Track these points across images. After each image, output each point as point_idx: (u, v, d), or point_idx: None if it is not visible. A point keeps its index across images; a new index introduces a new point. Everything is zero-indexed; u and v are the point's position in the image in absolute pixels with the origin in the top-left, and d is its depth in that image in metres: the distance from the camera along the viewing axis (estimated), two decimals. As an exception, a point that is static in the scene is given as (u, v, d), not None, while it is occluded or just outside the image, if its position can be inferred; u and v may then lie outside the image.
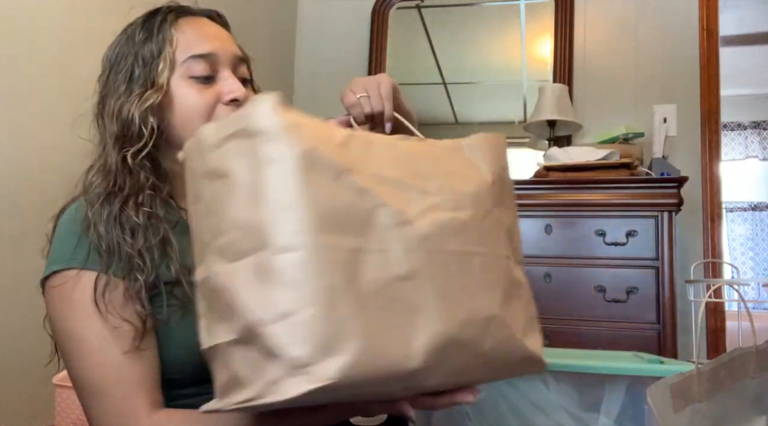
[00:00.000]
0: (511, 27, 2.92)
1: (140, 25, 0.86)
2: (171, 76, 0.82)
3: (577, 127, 2.60)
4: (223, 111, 0.83)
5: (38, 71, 1.66)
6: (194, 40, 0.84)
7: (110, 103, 0.83)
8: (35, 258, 1.62)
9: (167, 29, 0.84)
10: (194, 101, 0.82)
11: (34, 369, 1.57)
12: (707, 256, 2.44)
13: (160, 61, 0.81)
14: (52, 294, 0.76)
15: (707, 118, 2.53)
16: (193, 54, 0.82)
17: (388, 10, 2.99)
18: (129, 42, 0.85)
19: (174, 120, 0.82)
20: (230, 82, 0.83)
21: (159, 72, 0.80)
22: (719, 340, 2.40)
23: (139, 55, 0.82)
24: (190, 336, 0.76)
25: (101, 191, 0.79)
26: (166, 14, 0.86)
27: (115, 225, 0.76)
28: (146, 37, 0.83)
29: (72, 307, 0.74)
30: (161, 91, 0.80)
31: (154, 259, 0.76)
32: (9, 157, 1.57)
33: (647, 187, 2.13)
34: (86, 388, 0.73)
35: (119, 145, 0.80)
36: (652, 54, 2.65)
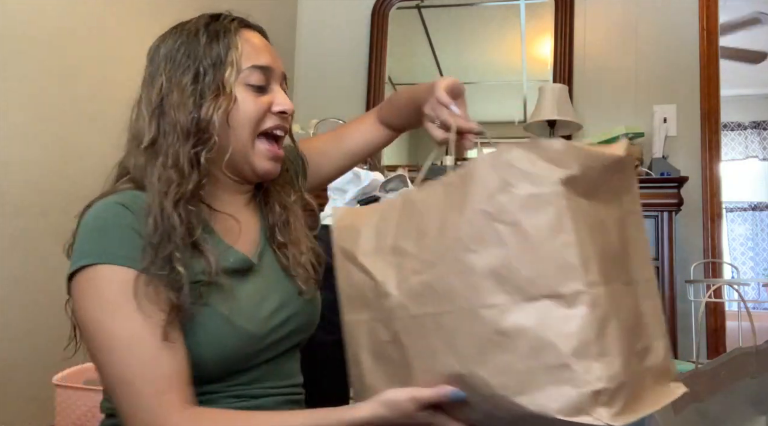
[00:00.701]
0: (511, 27, 2.92)
1: (204, 26, 0.89)
2: (234, 82, 0.86)
3: (577, 127, 2.60)
4: (271, 120, 0.88)
5: (38, 71, 1.66)
6: (255, 50, 0.89)
7: (176, 98, 0.84)
8: (35, 258, 1.63)
9: (232, 35, 0.88)
10: (250, 108, 0.86)
11: (34, 369, 1.57)
12: (707, 256, 2.44)
13: (227, 66, 0.85)
14: (82, 287, 0.77)
15: (707, 118, 2.53)
16: (255, 64, 0.87)
17: (388, 10, 2.99)
18: (192, 41, 0.87)
19: (236, 127, 0.86)
20: (281, 95, 0.90)
21: (227, 78, 0.84)
22: (719, 340, 2.40)
23: (206, 56, 0.85)
24: (213, 334, 0.78)
25: (164, 183, 0.80)
26: (231, 21, 0.90)
27: (173, 218, 0.78)
28: (211, 39, 0.86)
29: (103, 301, 0.75)
30: (231, 98, 0.84)
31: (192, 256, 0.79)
32: (9, 157, 1.57)
33: (647, 187, 2.13)
34: (117, 383, 0.74)
35: (191, 143, 0.82)
36: (652, 54, 2.65)
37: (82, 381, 1.42)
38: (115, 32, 1.92)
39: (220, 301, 0.80)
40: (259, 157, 0.88)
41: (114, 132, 0.88)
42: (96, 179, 1.92)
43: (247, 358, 0.82)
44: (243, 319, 0.82)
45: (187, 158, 0.81)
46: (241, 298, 0.83)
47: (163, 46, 0.89)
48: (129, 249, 0.76)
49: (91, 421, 1.32)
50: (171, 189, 0.79)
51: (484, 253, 0.63)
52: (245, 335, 0.82)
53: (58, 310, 1.68)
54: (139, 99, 0.90)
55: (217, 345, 0.79)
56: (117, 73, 1.93)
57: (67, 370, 1.41)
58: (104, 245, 0.76)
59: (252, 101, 0.86)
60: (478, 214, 0.64)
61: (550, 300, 0.60)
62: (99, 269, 0.75)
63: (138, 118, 0.87)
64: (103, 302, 0.75)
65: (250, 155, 0.87)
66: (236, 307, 0.82)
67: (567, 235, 0.60)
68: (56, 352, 1.68)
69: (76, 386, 1.34)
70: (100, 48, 1.86)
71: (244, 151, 0.86)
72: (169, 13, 2.34)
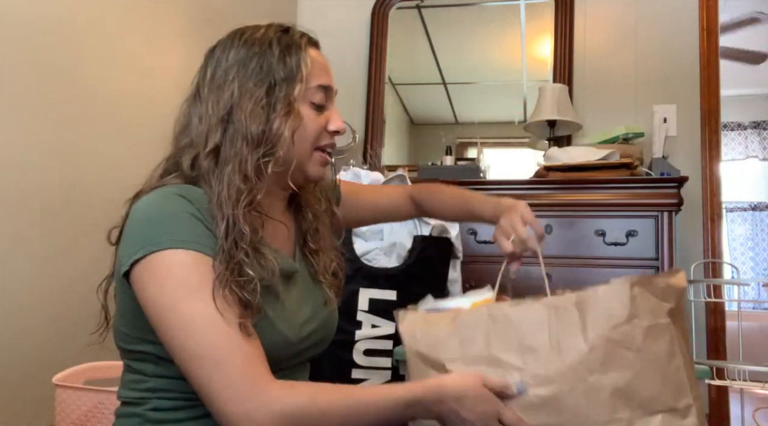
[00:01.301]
0: (511, 27, 2.92)
1: (275, 39, 0.90)
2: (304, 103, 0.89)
3: (577, 127, 2.60)
4: (326, 138, 0.92)
5: (38, 71, 1.66)
6: (322, 69, 0.92)
7: (248, 107, 0.85)
8: (35, 258, 1.63)
9: (302, 52, 0.90)
10: (310, 125, 0.89)
11: (34, 369, 1.57)
12: (707, 256, 2.44)
13: (296, 83, 0.87)
14: (152, 272, 0.77)
15: (707, 118, 2.53)
16: (321, 83, 0.91)
17: (388, 10, 2.99)
18: (266, 53, 0.89)
19: (296, 141, 0.88)
20: (337, 116, 0.94)
21: (296, 94, 0.87)
22: (719, 340, 2.40)
23: (278, 69, 0.87)
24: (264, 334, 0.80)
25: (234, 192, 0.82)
26: (300, 37, 0.93)
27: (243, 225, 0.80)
28: (284, 53, 0.89)
29: (177, 283, 0.75)
30: (299, 115, 0.87)
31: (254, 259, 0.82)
32: (9, 157, 1.57)
33: (647, 187, 2.13)
34: (202, 362, 0.74)
35: (260, 153, 0.85)
36: (652, 54, 2.65)
37: (82, 381, 1.42)
38: (114, 32, 1.92)
39: (268, 304, 0.82)
40: (313, 164, 0.92)
41: (114, 132, 0.88)
42: (96, 179, 1.93)
43: (275, 362, 0.83)
44: (284, 323, 0.85)
45: (254, 168, 0.84)
46: (285, 302, 0.86)
47: (233, 52, 0.90)
48: (196, 235, 0.78)
49: (91, 421, 1.32)
50: (242, 198, 0.82)
51: (611, 374, 0.73)
52: (283, 339, 0.84)
53: (58, 310, 1.68)
54: (194, 97, 0.91)
55: (266, 345, 0.80)
56: (117, 73, 1.93)
57: (67, 370, 1.41)
58: (172, 231, 0.78)
59: (313, 119, 0.90)
60: (603, 340, 0.74)
61: (668, 413, 0.73)
62: (171, 254, 0.77)
63: (199, 120, 0.88)
64: (180, 285, 0.76)
65: (305, 164, 0.90)
66: (280, 310, 0.84)
67: (678, 359, 0.74)
68: (56, 352, 1.69)
69: (76, 386, 1.34)
70: (99, 48, 1.86)
71: (300, 162, 0.90)
72: (168, 13, 2.35)
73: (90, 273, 1.78)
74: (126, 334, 0.85)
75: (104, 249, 0.92)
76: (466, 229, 2.22)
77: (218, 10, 2.45)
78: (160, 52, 2.14)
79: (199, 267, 0.77)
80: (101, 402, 1.32)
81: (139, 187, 0.89)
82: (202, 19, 2.35)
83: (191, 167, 0.86)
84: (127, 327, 0.84)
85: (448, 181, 2.32)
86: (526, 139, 2.80)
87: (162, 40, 2.15)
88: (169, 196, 0.81)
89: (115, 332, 0.87)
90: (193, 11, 2.29)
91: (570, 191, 2.20)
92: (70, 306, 1.69)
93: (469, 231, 2.23)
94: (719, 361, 2.27)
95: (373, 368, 1.67)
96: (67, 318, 1.69)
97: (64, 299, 1.69)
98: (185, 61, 2.28)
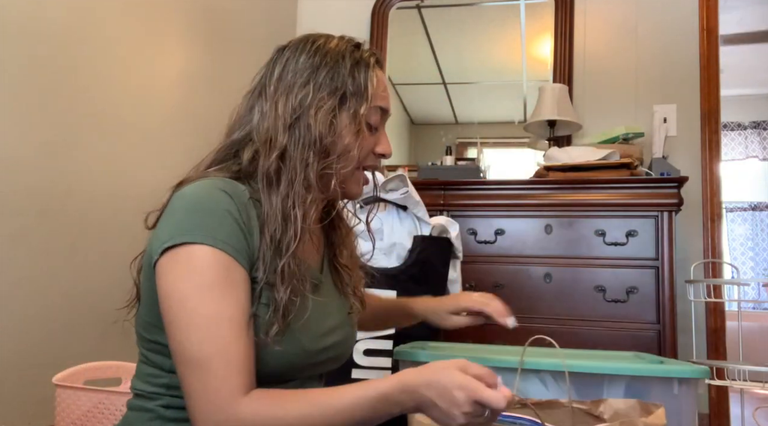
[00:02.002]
0: (511, 27, 2.92)
1: (348, 53, 0.90)
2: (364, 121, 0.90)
3: (577, 127, 2.60)
4: (372, 159, 0.94)
5: (37, 71, 1.66)
6: (383, 92, 0.93)
7: (320, 115, 0.86)
8: (35, 258, 1.63)
9: (371, 70, 0.91)
10: (364, 144, 0.91)
11: (34, 369, 1.57)
12: (707, 256, 2.44)
13: (364, 100, 0.88)
14: (177, 262, 0.77)
15: (707, 118, 2.53)
16: (381, 105, 0.92)
17: (388, 10, 2.99)
18: (338, 64, 0.89)
19: (345, 157, 0.90)
20: (386, 139, 0.95)
21: (363, 113, 0.88)
22: (719, 340, 2.40)
23: (349, 83, 0.88)
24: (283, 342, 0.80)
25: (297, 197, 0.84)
26: (371, 55, 0.93)
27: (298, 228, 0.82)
28: (354, 68, 0.89)
29: (196, 279, 0.76)
30: (361, 135, 0.89)
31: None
32: (9, 157, 1.57)
33: (647, 187, 2.13)
34: (191, 361, 0.75)
35: (325, 162, 0.86)
36: (652, 54, 2.65)
37: (82, 381, 1.42)
38: (114, 32, 1.92)
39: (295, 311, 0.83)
40: (354, 182, 0.93)
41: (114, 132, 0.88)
42: (95, 179, 1.93)
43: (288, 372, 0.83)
44: (304, 332, 0.85)
45: (317, 175, 0.85)
46: (309, 311, 0.85)
47: (303, 57, 0.90)
48: (229, 235, 0.78)
49: (91, 421, 1.32)
50: (306, 205, 0.84)
51: None
52: (301, 349, 0.84)
53: (58, 310, 1.69)
54: (258, 93, 0.91)
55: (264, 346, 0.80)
56: (116, 73, 1.93)
57: (67, 370, 1.41)
58: (207, 226, 0.78)
59: (366, 138, 0.91)
60: None
61: None
62: (198, 249, 0.77)
63: (262, 117, 0.88)
64: (196, 280, 0.76)
65: (347, 180, 0.91)
66: (303, 319, 0.84)
67: None
68: (56, 352, 1.69)
69: (76, 386, 1.34)
70: (99, 48, 1.86)
71: (344, 177, 0.90)
72: (168, 13, 2.35)
73: (90, 273, 1.78)
74: (147, 322, 0.85)
75: (104, 248, 0.92)
76: (466, 229, 2.22)
77: (218, 10, 2.45)
78: (160, 52, 2.14)
79: (222, 268, 0.77)
80: (101, 402, 1.32)
81: (139, 187, 0.89)
82: (202, 19, 2.35)
83: (250, 162, 0.87)
84: (149, 314, 0.84)
85: (449, 181, 2.34)
86: (526, 139, 2.80)
87: (162, 40, 2.15)
88: (213, 190, 0.81)
89: (138, 318, 0.88)
90: (193, 11, 2.29)
91: (570, 191, 2.20)
92: (70, 306, 1.69)
93: (470, 231, 2.23)
94: (719, 361, 2.27)
95: (373, 368, 1.67)
96: (67, 318, 1.69)
97: (64, 299, 1.69)
98: (185, 61, 2.28)
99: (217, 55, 2.40)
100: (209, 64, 2.37)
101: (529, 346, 1.00)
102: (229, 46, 2.46)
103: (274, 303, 0.80)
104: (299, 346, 0.84)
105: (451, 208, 2.28)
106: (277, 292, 0.80)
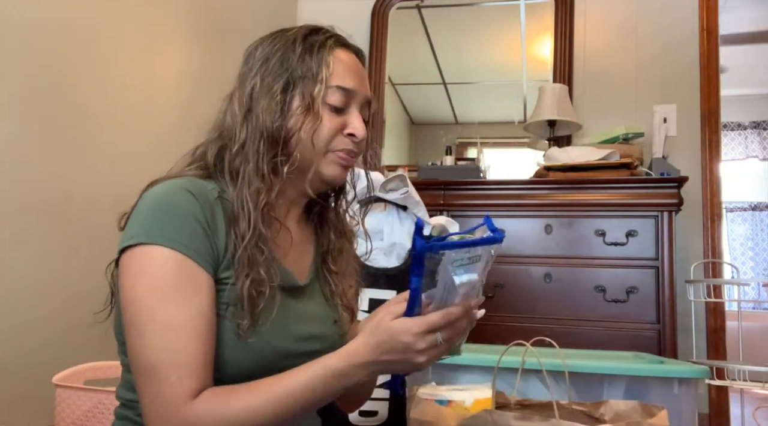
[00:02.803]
0: (511, 27, 2.92)
1: (302, 38, 0.89)
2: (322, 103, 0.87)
3: (577, 127, 2.60)
4: (341, 142, 0.88)
5: (37, 71, 1.66)
6: (344, 71, 0.89)
7: (265, 103, 0.85)
8: (35, 258, 1.63)
9: (327, 52, 0.88)
10: (325, 127, 0.86)
11: (34, 369, 1.57)
12: (707, 256, 2.44)
13: (317, 83, 0.86)
14: (134, 263, 0.77)
15: (707, 118, 2.53)
16: (340, 85, 0.87)
17: (388, 10, 2.99)
18: (288, 50, 0.88)
19: (309, 140, 0.87)
20: (357, 120, 0.89)
21: (316, 95, 0.85)
22: (719, 340, 2.40)
23: (298, 68, 0.86)
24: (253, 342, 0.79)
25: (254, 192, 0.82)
26: (328, 38, 0.91)
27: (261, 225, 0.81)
28: (306, 52, 0.88)
29: (152, 282, 0.75)
30: (318, 116, 0.85)
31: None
32: (9, 157, 1.57)
33: (647, 187, 2.13)
34: (144, 366, 0.74)
35: (274, 152, 0.85)
36: (652, 54, 2.65)
37: (82, 381, 1.42)
38: (114, 32, 1.92)
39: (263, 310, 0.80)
40: (327, 164, 0.88)
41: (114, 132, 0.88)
42: (95, 179, 1.93)
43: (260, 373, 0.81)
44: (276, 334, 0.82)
45: (270, 166, 0.84)
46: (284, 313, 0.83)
47: (260, 48, 0.90)
48: (189, 237, 0.77)
49: (91, 421, 1.32)
50: (260, 198, 0.82)
51: None
52: (267, 345, 0.81)
53: (58, 310, 1.68)
54: (232, 94, 0.91)
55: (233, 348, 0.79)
56: (116, 73, 1.93)
57: (67, 370, 1.41)
58: (166, 228, 0.77)
59: (327, 121, 0.87)
60: None
61: None
62: (156, 250, 0.76)
63: (229, 115, 0.89)
64: (152, 283, 0.75)
65: (319, 165, 0.87)
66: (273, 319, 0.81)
67: None
68: (56, 352, 1.69)
69: (76, 386, 1.34)
70: (99, 48, 1.86)
71: (316, 164, 0.87)
72: (167, 14, 2.35)
73: (90, 272, 1.78)
74: (121, 325, 0.84)
75: (104, 248, 0.92)
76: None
77: (218, 11, 2.45)
78: (160, 52, 2.14)
79: (180, 271, 0.75)
80: (101, 402, 1.32)
81: (139, 187, 0.89)
82: (202, 19, 2.35)
83: (216, 159, 0.87)
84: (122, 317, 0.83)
85: (449, 181, 2.34)
86: (526, 139, 2.80)
87: (162, 40, 2.15)
88: (177, 191, 0.80)
89: (115, 324, 0.86)
90: (192, 11, 2.29)
91: (570, 191, 2.20)
92: (69, 306, 1.69)
93: (469, 231, 2.23)
94: (719, 361, 2.27)
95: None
96: (67, 318, 1.68)
97: (64, 299, 1.69)
98: (185, 61, 2.28)
99: (217, 55, 2.40)
100: (209, 64, 2.37)
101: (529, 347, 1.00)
102: (229, 46, 2.46)
103: (239, 293, 0.78)
104: (268, 345, 0.81)
105: (451, 208, 2.28)
106: (237, 279, 0.78)
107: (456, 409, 0.90)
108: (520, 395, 0.96)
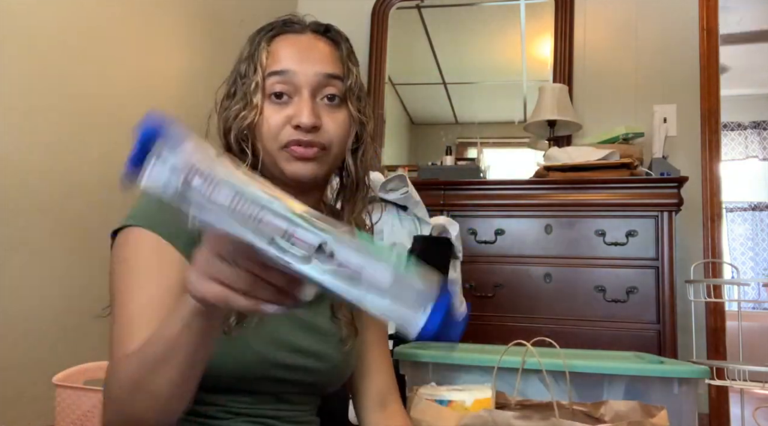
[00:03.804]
0: (511, 27, 2.92)
1: (256, 33, 0.87)
2: (263, 96, 0.83)
3: (577, 127, 2.60)
4: (288, 133, 0.81)
5: (37, 71, 1.66)
6: (277, 57, 0.83)
7: (224, 106, 0.86)
8: (35, 258, 1.63)
9: (262, 47, 0.84)
10: (270, 121, 0.81)
11: (34, 369, 1.57)
12: (707, 256, 2.44)
13: (253, 80, 0.82)
14: (119, 245, 0.79)
15: (707, 118, 2.53)
16: (270, 70, 0.82)
17: (388, 10, 2.99)
18: (242, 49, 0.87)
19: (261, 138, 0.83)
20: (299, 106, 0.81)
21: (252, 91, 0.81)
22: (719, 340, 2.40)
23: (241, 65, 0.85)
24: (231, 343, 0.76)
25: None
26: (267, 32, 0.87)
27: None
28: (247, 53, 0.85)
29: (133, 262, 0.76)
30: (256, 110, 0.81)
31: None
32: (9, 157, 1.57)
33: (647, 187, 2.13)
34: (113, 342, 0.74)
35: (243, 155, 0.84)
36: (652, 54, 2.65)
37: (82, 381, 1.42)
38: (114, 32, 1.92)
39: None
40: (284, 162, 0.81)
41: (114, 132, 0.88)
42: (96, 179, 1.92)
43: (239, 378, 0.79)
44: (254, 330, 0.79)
45: (248, 168, 0.82)
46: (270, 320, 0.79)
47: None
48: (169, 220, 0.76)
49: (92, 420, 1.32)
50: None
51: None
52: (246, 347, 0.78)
53: (58, 310, 1.68)
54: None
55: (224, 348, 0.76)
56: (117, 73, 1.93)
57: (67, 370, 1.41)
58: (152, 212, 0.78)
59: (271, 114, 0.81)
60: None
61: None
62: (137, 231, 0.77)
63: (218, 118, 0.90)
64: (127, 261, 0.76)
65: (278, 162, 0.82)
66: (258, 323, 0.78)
67: None
68: (56, 352, 1.69)
69: (76, 386, 1.34)
70: (99, 48, 1.86)
71: (274, 160, 0.82)
72: (167, 14, 2.35)
73: (90, 272, 1.78)
74: None
75: (104, 248, 0.92)
76: (466, 229, 2.22)
77: (218, 11, 2.45)
78: (160, 52, 2.14)
79: (151, 250, 0.77)
80: (101, 402, 1.31)
81: None
82: (202, 19, 2.35)
83: None
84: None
85: (449, 181, 2.34)
86: (526, 139, 2.80)
87: (162, 40, 2.15)
88: None
89: None
90: (192, 11, 2.29)
91: (570, 191, 2.20)
92: (70, 306, 1.69)
93: (470, 231, 2.23)
94: (719, 361, 2.27)
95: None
96: (67, 318, 1.69)
97: (65, 299, 1.69)
98: (185, 61, 2.28)
99: (217, 55, 2.40)
100: (209, 63, 2.37)
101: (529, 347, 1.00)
102: (229, 46, 2.46)
103: None
104: (248, 348, 0.78)
105: (451, 208, 2.28)
106: None
107: (456, 409, 0.90)
108: (520, 395, 0.96)
